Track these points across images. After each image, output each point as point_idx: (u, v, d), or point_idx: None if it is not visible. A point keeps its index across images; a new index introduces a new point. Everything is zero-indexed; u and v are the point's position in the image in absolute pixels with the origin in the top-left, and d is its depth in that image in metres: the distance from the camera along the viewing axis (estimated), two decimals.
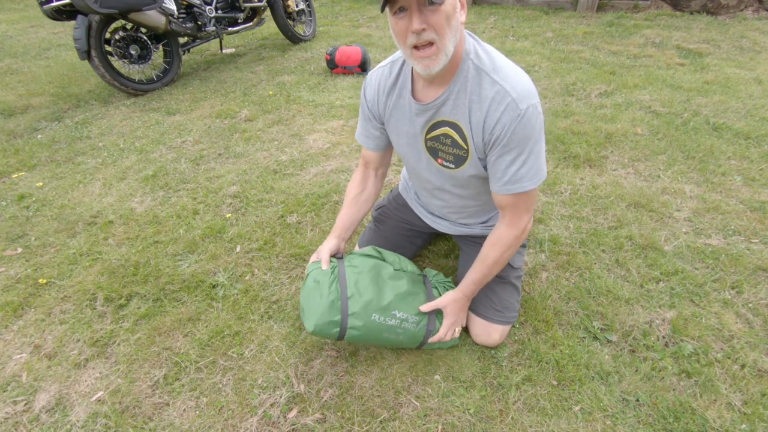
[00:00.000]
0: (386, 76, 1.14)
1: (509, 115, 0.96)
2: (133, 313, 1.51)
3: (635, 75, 3.22)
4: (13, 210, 2.08)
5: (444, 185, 1.22)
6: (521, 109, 0.96)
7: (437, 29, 0.89)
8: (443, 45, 0.91)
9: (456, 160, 1.11)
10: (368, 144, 1.28)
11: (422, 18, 0.87)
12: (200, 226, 1.91)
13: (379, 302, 1.17)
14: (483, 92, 0.99)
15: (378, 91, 1.16)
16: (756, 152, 2.23)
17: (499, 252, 1.15)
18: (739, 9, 4.47)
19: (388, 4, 0.89)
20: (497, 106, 0.97)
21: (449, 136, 1.08)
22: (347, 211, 1.33)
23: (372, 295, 1.18)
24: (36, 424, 1.19)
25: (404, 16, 0.89)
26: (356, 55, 3.50)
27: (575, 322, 1.41)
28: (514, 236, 1.12)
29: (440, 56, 0.92)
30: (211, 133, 2.75)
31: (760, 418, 1.13)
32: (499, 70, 0.98)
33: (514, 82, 0.97)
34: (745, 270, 1.57)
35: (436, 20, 0.88)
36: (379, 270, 1.24)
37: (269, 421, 1.17)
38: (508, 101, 0.96)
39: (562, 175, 2.13)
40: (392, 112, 1.16)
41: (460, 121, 1.04)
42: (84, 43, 2.86)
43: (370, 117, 1.22)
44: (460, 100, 1.02)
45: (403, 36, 0.92)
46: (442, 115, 1.06)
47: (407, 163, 1.26)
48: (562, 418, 1.15)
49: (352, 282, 1.19)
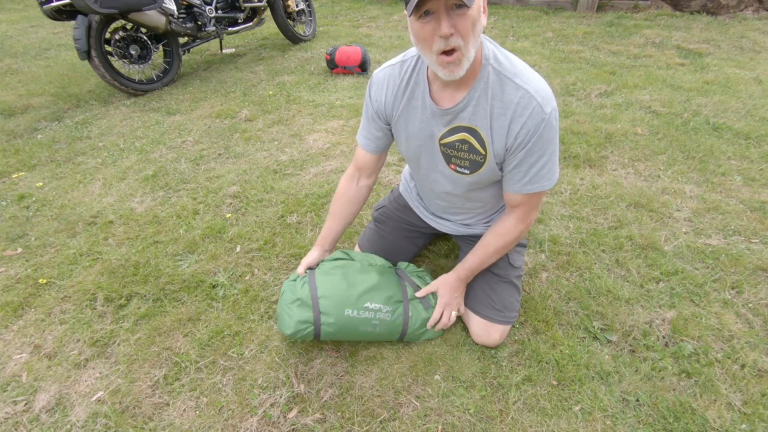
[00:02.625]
0: (396, 75, 1.12)
1: (534, 120, 0.97)
2: (133, 313, 1.51)
3: (635, 75, 3.22)
4: (13, 210, 2.08)
5: (453, 189, 1.21)
6: (546, 113, 0.96)
7: (463, 34, 0.87)
8: (467, 50, 0.89)
9: (472, 165, 1.10)
10: (368, 146, 1.27)
11: (450, 22, 0.86)
12: (200, 226, 1.91)
13: (349, 296, 1.23)
14: (506, 97, 0.98)
15: (387, 90, 1.14)
16: (756, 152, 2.23)
17: (503, 242, 1.18)
18: (739, 9, 4.47)
19: (416, 8, 0.86)
20: (522, 111, 0.97)
21: (467, 141, 1.07)
22: (331, 225, 1.37)
23: (341, 290, 1.24)
24: (36, 424, 1.19)
25: (430, 20, 0.87)
26: (356, 55, 3.50)
27: (575, 322, 1.41)
28: (521, 230, 1.16)
29: (463, 62, 0.91)
30: (211, 133, 2.75)
31: (760, 418, 1.13)
32: (520, 74, 0.98)
33: (537, 86, 0.97)
34: (745, 270, 1.57)
35: (463, 25, 0.86)
36: (347, 268, 1.31)
37: (269, 421, 1.17)
38: (533, 106, 0.96)
39: (562, 175, 2.13)
40: (402, 113, 1.14)
41: (480, 126, 1.03)
42: (84, 43, 2.86)
43: (374, 117, 1.21)
44: (481, 106, 1.01)
45: (429, 41, 0.90)
46: (460, 121, 1.05)
47: (415, 165, 1.24)
48: (562, 418, 1.15)
49: (321, 282, 1.26)
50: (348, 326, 1.24)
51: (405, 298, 1.30)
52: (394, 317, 1.26)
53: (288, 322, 1.23)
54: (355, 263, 1.35)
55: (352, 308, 1.23)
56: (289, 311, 1.24)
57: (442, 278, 1.31)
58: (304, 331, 1.24)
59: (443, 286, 1.30)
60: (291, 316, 1.23)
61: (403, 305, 1.28)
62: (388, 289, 1.28)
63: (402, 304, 1.28)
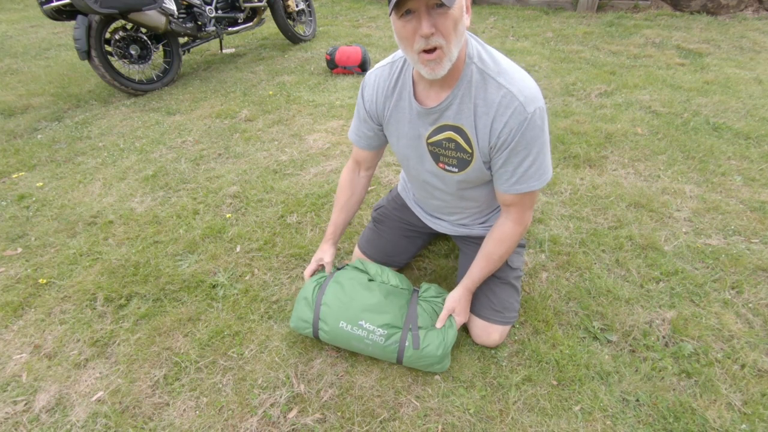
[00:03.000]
0: (386, 76, 1.13)
1: (517, 119, 0.97)
2: (133, 313, 1.51)
3: (635, 75, 3.22)
4: (13, 210, 2.08)
5: (444, 188, 1.22)
6: (528, 113, 0.96)
7: (444, 34, 0.88)
8: (448, 50, 0.90)
9: (459, 163, 1.11)
10: (359, 142, 1.29)
11: (431, 21, 0.86)
12: (200, 226, 1.91)
13: (346, 309, 1.24)
14: (489, 96, 0.99)
15: (377, 91, 1.15)
16: (756, 152, 2.23)
17: (505, 248, 1.18)
18: (739, 9, 4.47)
19: (395, 7, 0.87)
20: (504, 110, 0.97)
21: (453, 140, 1.07)
22: (338, 216, 1.41)
23: (341, 302, 1.25)
24: (36, 424, 1.19)
25: (411, 19, 0.88)
26: (356, 55, 3.50)
27: (575, 322, 1.41)
28: (520, 232, 1.16)
29: (444, 61, 0.91)
30: (211, 133, 2.75)
31: (760, 418, 1.13)
32: (504, 73, 0.98)
33: (521, 85, 0.97)
34: (745, 270, 1.57)
35: (444, 24, 0.87)
36: (354, 281, 1.30)
37: (269, 421, 1.17)
38: (515, 105, 0.96)
39: (562, 175, 2.13)
40: (392, 114, 1.15)
41: (465, 125, 1.04)
42: (84, 43, 2.86)
43: (366, 118, 1.22)
44: (465, 104, 1.02)
45: (410, 40, 0.90)
46: (445, 119, 1.06)
47: (406, 165, 1.26)
48: (562, 418, 1.15)
49: (330, 289, 1.29)
50: (341, 337, 1.25)
51: (405, 326, 1.22)
52: (387, 343, 1.20)
53: (293, 316, 1.32)
54: (363, 276, 1.31)
55: (347, 323, 1.22)
56: (297, 306, 1.31)
57: (455, 296, 1.26)
58: (303, 330, 1.31)
59: (459, 305, 1.26)
60: (296, 311, 1.31)
61: (401, 333, 1.21)
62: (389, 313, 1.22)
63: (400, 331, 1.21)
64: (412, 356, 1.21)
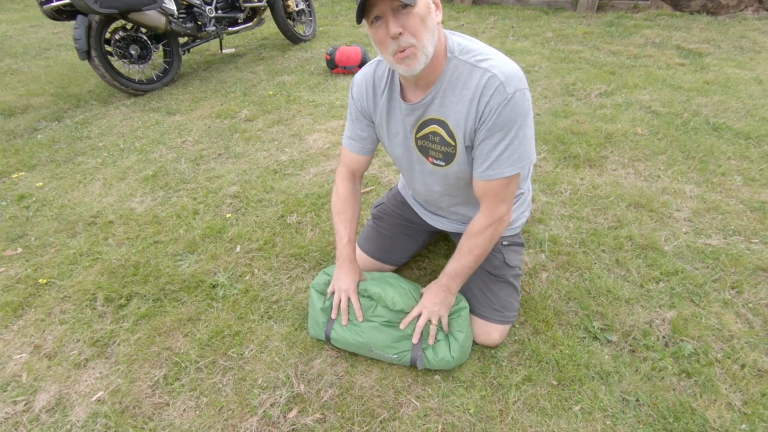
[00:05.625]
0: (371, 74, 1.16)
1: (497, 98, 0.98)
2: (133, 313, 1.51)
3: (635, 75, 3.22)
4: (13, 210, 2.08)
5: (438, 185, 1.23)
6: (509, 93, 0.98)
7: (413, 32, 0.92)
8: (422, 46, 0.94)
9: (445, 157, 1.13)
10: (353, 146, 1.28)
11: (398, 22, 0.91)
12: (200, 226, 1.91)
13: (355, 343, 1.26)
14: (471, 82, 1.01)
15: (365, 89, 1.18)
16: (756, 152, 2.22)
17: (474, 243, 1.15)
18: (739, 9, 4.47)
19: (365, 15, 0.93)
20: (486, 91, 0.99)
21: (437, 133, 1.10)
22: (351, 231, 1.31)
23: (349, 339, 1.27)
24: (36, 424, 1.19)
25: (381, 24, 0.93)
26: (356, 55, 3.50)
27: (575, 322, 1.41)
28: (487, 225, 1.12)
29: (419, 56, 0.94)
30: (211, 133, 2.75)
31: (760, 418, 1.13)
32: (487, 58, 1.01)
33: (503, 67, 0.99)
34: (745, 270, 1.57)
35: (412, 23, 0.91)
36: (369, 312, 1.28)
37: (269, 421, 1.17)
38: (496, 85, 0.98)
39: (562, 175, 2.13)
40: (383, 113, 1.17)
41: (448, 118, 1.06)
42: (84, 43, 2.86)
43: (358, 116, 1.23)
44: (447, 97, 1.04)
45: (384, 44, 0.95)
46: (430, 114, 1.08)
47: (401, 164, 1.27)
48: (562, 418, 1.15)
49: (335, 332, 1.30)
50: (354, 349, 1.31)
51: (413, 347, 1.24)
52: (402, 362, 1.26)
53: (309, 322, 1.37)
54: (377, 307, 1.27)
55: (358, 349, 1.29)
56: (310, 322, 1.36)
57: (425, 289, 1.28)
58: (318, 335, 1.36)
59: (426, 292, 1.26)
60: (310, 326, 1.37)
61: (413, 350, 1.24)
62: (397, 346, 1.24)
63: (411, 351, 1.24)
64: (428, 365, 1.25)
